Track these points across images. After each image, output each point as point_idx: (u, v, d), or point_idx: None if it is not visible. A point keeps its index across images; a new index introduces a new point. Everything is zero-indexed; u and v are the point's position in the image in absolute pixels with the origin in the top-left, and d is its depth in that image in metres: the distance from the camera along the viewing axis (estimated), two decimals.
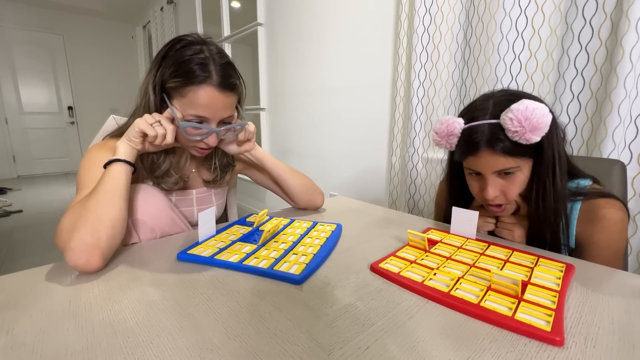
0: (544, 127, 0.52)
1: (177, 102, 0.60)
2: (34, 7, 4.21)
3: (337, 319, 0.36)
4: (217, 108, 0.61)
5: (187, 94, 0.58)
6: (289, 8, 2.06)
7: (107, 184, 0.53)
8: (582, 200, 0.60)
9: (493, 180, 0.60)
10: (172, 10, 3.55)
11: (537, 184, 0.59)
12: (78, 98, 4.71)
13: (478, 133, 0.58)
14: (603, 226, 0.57)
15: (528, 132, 0.52)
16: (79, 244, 0.46)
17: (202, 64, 0.58)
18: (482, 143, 0.57)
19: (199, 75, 0.57)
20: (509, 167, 0.58)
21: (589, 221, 0.59)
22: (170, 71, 0.58)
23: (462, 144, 0.61)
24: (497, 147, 0.56)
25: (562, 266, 0.47)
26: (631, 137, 0.87)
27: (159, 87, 0.61)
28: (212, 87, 0.58)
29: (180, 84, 0.58)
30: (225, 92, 0.60)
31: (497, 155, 0.57)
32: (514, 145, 0.55)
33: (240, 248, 0.54)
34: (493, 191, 0.60)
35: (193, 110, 0.59)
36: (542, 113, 0.52)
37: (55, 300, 0.40)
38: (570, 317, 0.37)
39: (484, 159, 0.58)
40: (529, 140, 0.53)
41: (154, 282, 0.45)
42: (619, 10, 0.83)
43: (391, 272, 0.46)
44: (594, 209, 0.59)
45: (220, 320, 0.36)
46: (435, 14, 1.25)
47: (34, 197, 3.36)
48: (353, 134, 1.77)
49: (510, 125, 0.53)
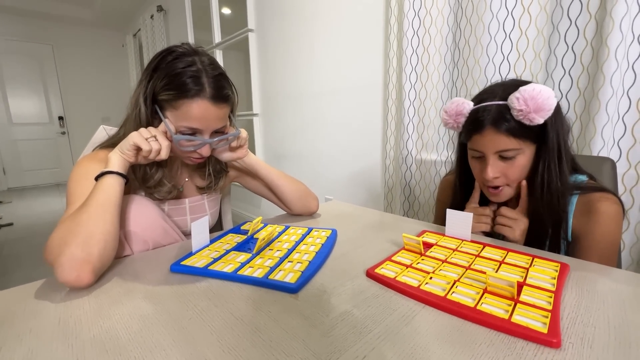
0: (548, 109, 0.54)
1: (170, 114, 0.60)
2: (22, 17, 4.17)
3: (334, 328, 0.36)
4: (210, 120, 0.60)
5: (180, 107, 0.58)
6: (279, 13, 2.07)
7: (99, 196, 0.52)
8: (579, 194, 0.62)
9: (494, 161, 0.61)
10: (162, 18, 3.55)
11: (542, 168, 0.60)
12: (69, 108, 4.67)
13: (485, 112, 0.60)
14: (599, 219, 0.59)
15: (532, 112, 0.54)
16: (69, 259, 0.45)
17: (195, 76, 0.58)
18: (487, 122, 0.59)
19: (192, 89, 0.57)
20: (511, 148, 0.59)
21: (586, 214, 0.60)
22: (163, 84, 0.58)
23: (468, 123, 0.64)
24: (501, 126, 0.58)
25: (556, 266, 0.48)
26: (620, 134, 0.89)
27: (151, 98, 0.60)
28: (205, 100, 0.58)
29: (173, 97, 0.58)
30: (219, 104, 0.60)
31: (500, 135, 0.59)
32: (518, 126, 0.57)
33: (234, 257, 0.53)
34: (492, 172, 0.61)
35: (186, 123, 0.59)
36: (548, 95, 0.54)
37: (44, 318, 0.39)
38: (566, 318, 0.37)
39: (487, 137, 0.60)
40: (533, 120, 0.55)
41: (146, 295, 0.44)
42: (603, 11, 0.85)
43: (387, 278, 0.45)
44: (591, 202, 0.60)
45: (215, 332, 0.35)
46: (424, 17, 1.26)
47: (25, 210, 3.30)
48: (346, 137, 1.77)
49: (516, 104, 0.55)
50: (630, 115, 0.87)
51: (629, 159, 0.88)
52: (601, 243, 0.59)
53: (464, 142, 0.67)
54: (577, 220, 0.61)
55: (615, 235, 0.59)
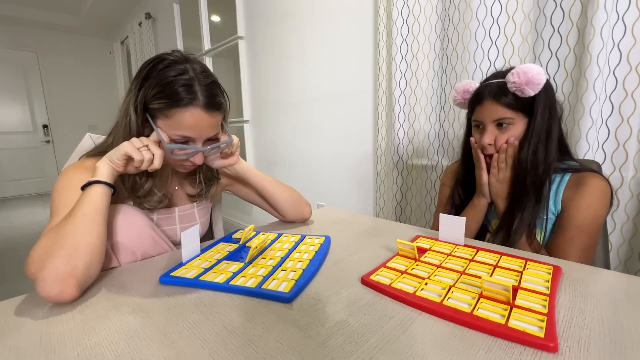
0: (537, 82, 0.62)
1: (162, 123, 0.59)
2: (5, 24, 4.08)
3: (330, 338, 0.35)
4: (203, 129, 0.60)
5: (172, 116, 0.57)
6: (268, 21, 2.08)
7: (85, 207, 0.50)
8: (572, 173, 0.69)
9: (491, 129, 0.70)
10: (151, 25, 3.52)
11: (530, 137, 0.67)
12: (54, 116, 4.56)
13: (486, 87, 0.70)
14: (585, 190, 0.65)
15: (524, 85, 0.63)
16: (52, 273, 0.42)
17: (187, 85, 0.57)
18: (487, 94, 0.69)
19: (184, 98, 0.56)
20: (505, 117, 0.68)
21: (574, 187, 0.66)
22: (154, 92, 0.57)
23: (472, 97, 0.74)
24: (499, 98, 0.68)
25: (549, 268, 0.48)
26: (604, 137, 0.91)
27: (142, 107, 0.59)
28: (198, 109, 0.57)
29: (165, 106, 0.57)
30: (212, 112, 0.60)
31: (497, 105, 0.68)
32: (513, 99, 0.66)
33: (226, 267, 0.52)
34: (488, 138, 0.70)
35: (179, 132, 0.58)
36: (538, 71, 0.62)
37: (25, 335, 0.37)
38: (562, 321, 0.37)
39: (486, 107, 0.70)
40: (524, 92, 0.64)
41: (134, 309, 0.42)
42: (584, 19, 0.88)
43: (382, 284, 0.45)
44: (581, 177, 0.67)
45: (206, 347, 0.34)
46: (412, 25, 1.28)
47: (6, 221, 3.19)
48: (338, 143, 1.78)
49: (511, 78, 0.64)
50: (613, 119, 0.90)
51: (613, 162, 0.91)
52: (583, 212, 0.64)
53: (469, 117, 0.77)
54: (566, 193, 0.67)
55: (599, 210, 0.64)
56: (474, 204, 0.77)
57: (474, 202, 0.77)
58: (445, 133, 1.27)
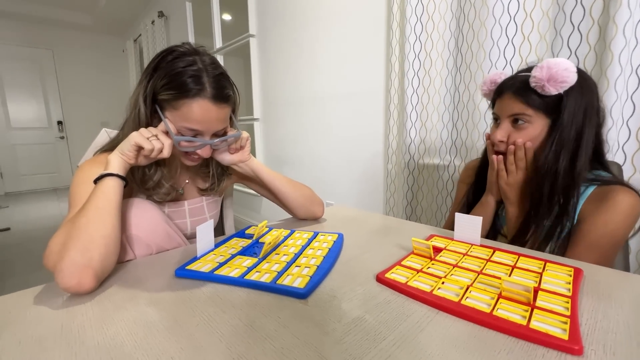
0: (561, 80, 0.56)
1: (170, 114, 0.59)
2: (22, 22, 4.18)
3: (347, 335, 0.35)
4: (211, 122, 0.60)
5: (180, 107, 0.57)
6: (280, 19, 2.08)
7: (99, 200, 0.50)
8: (598, 185, 0.62)
9: (505, 125, 0.66)
10: (163, 24, 3.56)
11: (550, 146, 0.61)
12: (68, 112, 4.66)
13: (511, 81, 0.66)
14: (609, 206, 0.58)
15: (545, 81, 0.57)
16: (69, 264, 0.43)
17: (196, 76, 0.57)
18: (508, 88, 0.65)
19: (192, 89, 0.57)
20: (522, 114, 0.63)
21: (597, 201, 0.60)
22: (163, 83, 0.57)
23: (495, 89, 0.70)
24: (518, 91, 0.63)
25: (570, 270, 0.47)
26: (624, 138, 0.88)
27: (150, 98, 0.59)
28: (206, 100, 0.58)
29: (173, 97, 0.57)
30: (220, 105, 0.60)
31: (515, 99, 0.63)
32: (535, 96, 0.61)
33: (240, 262, 0.52)
34: (500, 134, 0.66)
35: (187, 124, 0.58)
36: (565, 67, 0.55)
37: (46, 325, 0.38)
38: (585, 324, 0.36)
39: (505, 101, 0.66)
40: (544, 89, 0.58)
41: (151, 301, 0.43)
42: (606, 16, 0.85)
43: (398, 283, 0.44)
44: (607, 191, 0.59)
45: (224, 340, 0.34)
46: (426, 23, 1.27)
47: (22, 215, 3.27)
48: (348, 142, 1.77)
49: (534, 71, 0.58)
50: (634, 120, 0.87)
51: (633, 164, 0.88)
52: (599, 230, 0.58)
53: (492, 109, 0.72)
54: (586, 206, 0.61)
55: (619, 228, 0.57)
56: (482, 202, 0.75)
57: (482, 199, 0.75)
58: (458, 132, 1.26)
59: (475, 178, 0.81)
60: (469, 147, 1.21)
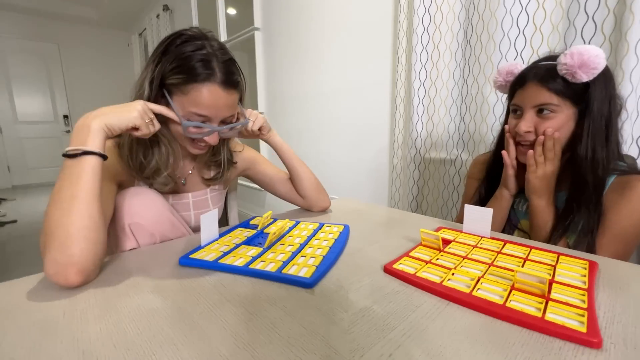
0: (593, 67, 0.55)
1: (178, 99, 0.57)
2: (29, 16, 4.19)
3: (354, 324, 0.34)
4: (220, 107, 0.59)
5: (189, 92, 0.56)
6: (285, 12, 2.06)
7: (75, 187, 0.44)
8: (617, 174, 0.61)
9: (529, 116, 0.63)
10: (168, 17, 3.55)
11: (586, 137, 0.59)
12: (74, 106, 4.68)
13: (533, 69, 0.63)
14: (632, 196, 0.57)
15: (577, 67, 0.55)
16: (51, 264, 0.41)
17: (206, 60, 0.56)
18: (532, 76, 0.62)
19: (201, 73, 0.55)
20: (549, 103, 0.60)
21: (619, 191, 0.59)
22: (172, 67, 0.56)
23: (515, 79, 0.67)
24: (544, 80, 0.60)
25: (584, 263, 0.45)
26: (639, 131, 0.86)
27: (158, 82, 0.57)
28: (215, 86, 0.56)
29: (182, 81, 0.56)
30: (229, 90, 0.58)
31: (542, 88, 0.60)
32: (562, 84, 0.59)
33: (245, 251, 0.51)
34: (525, 125, 0.63)
35: (196, 109, 0.57)
36: (596, 53, 0.54)
37: (49, 311, 0.37)
38: (603, 317, 0.34)
39: (528, 90, 0.63)
40: (575, 76, 0.56)
41: (155, 288, 0.42)
42: (622, 5, 0.82)
43: (407, 273, 0.43)
44: (628, 181, 0.59)
45: (228, 328, 0.33)
46: (434, 14, 1.24)
47: (29, 207, 3.30)
48: (353, 136, 1.75)
49: (563, 59, 0.57)
50: None
51: None
52: (625, 221, 0.57)
53: (509, 102, 0.70)
54: (608, 197, 0.60)
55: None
56: (497, 196, 0.73)
57: (497, 193, 0.74)
58: (466, 126, 1.24)
59: (486, 173, 0.79)
60: (477, 141, 1.19)
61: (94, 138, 0.47)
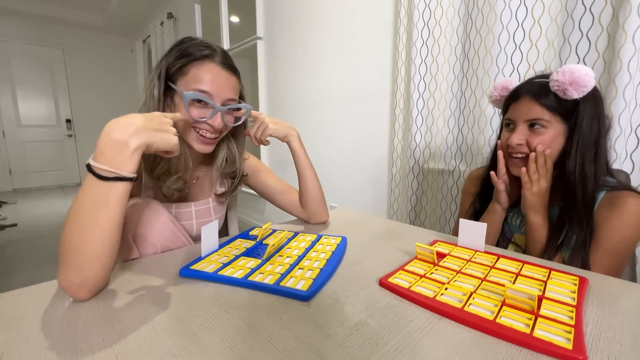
0: (583, 84, 0.58)
1: (182, 82, 0.61)
2: (35, 22, 4.26)
3: (349, 338, 0.35)
4: (220, 84, 0.62)
5: (190, 70, 0.60)
6: (288, 22, 2.10)
7: (99, 215, 0.41)
8: (607, 190, 0.62)
9: (521, 129, 0.66)
10: (172, 25, 3.60)
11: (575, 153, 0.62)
12: (76, 111, 4.72)
13: (526, 85, 0.67)
14: (621, 212, 0.59)
15: (568, 84, 0.58)
16: (65, 284, 0.42)
17: (206, 46, 0.62)
18: (525, 92, 0.66)
19: (201, 53, 0.60)
20: (540, 118, 0.63)
21: (609, 207, 0.61)
22: (176, 56, 0.61)
23: (509, 95, 0.70)
24: (537, 96, 0.63)
25: (575, 279, 0.46)
26: (632, 146, 0.88)
27: (164, 74, 0.61)
28: (215, 64, 0.61)
29: (184, 63, 0.60)
30: (228, 71, 0.63)
31: (534, 103, 0.63)
32: (554, 100, 0.62)
33: (244, 263, 0.53)
34: (517, 137, 0.66)
35: (196, 85, 0.60)
36: (587, 72, 0.58)
37: (53, 321, 0.38)
38: (590, 334, 0.35)
39: (521, 104, 0.66)
40: (567, 93, 0.59)
41: (156, 299, 0.43)
42: (615, 23, 0.85)
43: (401, 287, 0.44)
44: (618, 197, 0.60)
45: (227, 340, 0.34)
46: (433, 27, 1.27)
47: (29, 211, 3.31)
48: (353, 145, 1.77)
49: (555, 76, 0.60)
50: None
51: None
52: (615, 235, 0.59)
53: (502, 116, 0.73)
54: (599, 213, 0.62)
55: (633, 234, 0.59)
56: (489, 211, 0.75)
57: (490, 208, 0.75)
58: (463, 138, 1.25)
59: (481, 187, 0.81)
60: (475, 153, 1.21)
61: (131, 160, 0.43)
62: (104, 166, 0.41)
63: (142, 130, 0.44)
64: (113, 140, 0.42)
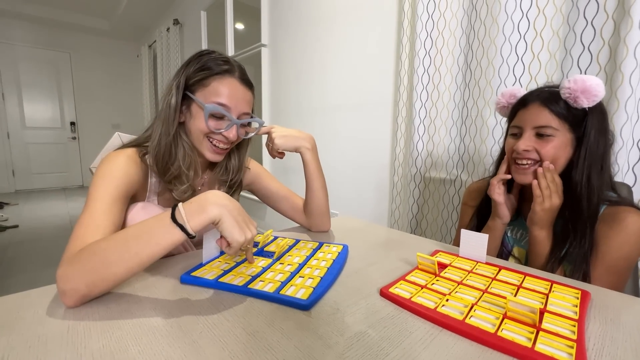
0: (594, 93, 0.58)
1: (201, 94, 0.63)
2: (42, 26, 4.32)
3: (349, 349, 0.35)
4: (238, 98, 0.64)
5: (210, 84, 0.62)
6: (292, 30, 2.12)
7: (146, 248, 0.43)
8: (607, 205, 0.62)
9: (529, 136, 0.65)
10: (178, 31, 3.65)
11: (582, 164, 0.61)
12: (81, 114, 4.76)
13: (536, 91, 0.67)
14: (621, 229, 0.58)
15: (579, 92, 0.58)
16: (71, 292, 0.42)
17: (225, 61, 0.64)
18: (535, 98, 0.65)
19: (221, 68, 0.63)
20: (548, 125, 0.62)
21: (609, 223, 0.60)
22: (195, 68, 0.63)
23: (518, 101, 0.70)
24: (547, 102, 0.63)
25: (577, 293, 0.46)
26: (634, 160, 0.88)
27: (183, 85, 0.63)
28: (234, 79, 0.64)
29: (204, 76, 0.62)
30: (245, 86, 0.66)
31: (543, 109, 0.63)
32: (564, 107, 0.61)
33: (244, 270, 0.53)
34: (524, 143, 0.65)
35: (216, 98, 0.62)
36: (598, 83, 0.58)
37: (53, 326, 0.38)
38: (592, 349, 0.35)
39: (530, 110, 0.65)
40: (577, 101, 0.59)
41: (156, 306, 0.43)
42: (617, 37, 0.86)
43: (402, 298, 0.44)
44: (618, 212, 0.60)
45: (227, 348, 0.34)
46: (436, 38, 1.28)
47: (31, 212, 3.32)
48: (355, 152, 1.78)
49: (566, 84, 0.60)
50: None
51: None
52: (615, 252, 0.59)
53: (508, 124, 0.72)
54: (599, 228, 0.61)
55: (633, 250, 0.58)
56: (489, 226, 0.74)
57: (489, 223, 0.74)
58: (465, 147, 1.26)
59: (481, 200, 0.80)
60: (476, 163, 1.21)
61: (200, 220, 0.44)
62: (183, 212, 0.44)
63: (227, 210, 0.45)
64: (205, 200, 0.45)
